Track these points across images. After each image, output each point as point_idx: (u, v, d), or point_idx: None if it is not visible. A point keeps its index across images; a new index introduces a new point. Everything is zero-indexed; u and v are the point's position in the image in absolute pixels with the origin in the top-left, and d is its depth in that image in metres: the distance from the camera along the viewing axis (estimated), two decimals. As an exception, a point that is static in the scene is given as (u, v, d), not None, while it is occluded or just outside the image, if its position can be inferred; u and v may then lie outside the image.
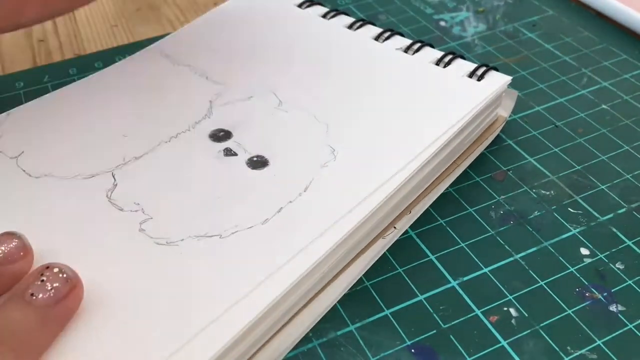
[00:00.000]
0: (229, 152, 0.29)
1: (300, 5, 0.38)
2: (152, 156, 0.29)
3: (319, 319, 0.26)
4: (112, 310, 0.22)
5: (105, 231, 0.25)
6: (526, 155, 0.33)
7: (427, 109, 0.30)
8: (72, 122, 0.30)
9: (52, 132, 0.30)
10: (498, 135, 0.34)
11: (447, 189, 0.31)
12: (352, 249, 0.27)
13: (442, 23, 0.43)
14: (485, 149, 0.33)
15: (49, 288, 0.21)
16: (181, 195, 0.27)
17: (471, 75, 0.32)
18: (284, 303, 0.24)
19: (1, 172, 0.28)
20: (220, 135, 0.30)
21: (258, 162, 0.28)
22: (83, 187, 0.27)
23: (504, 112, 0.34)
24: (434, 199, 0.30)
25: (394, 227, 0.28)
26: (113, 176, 0.27)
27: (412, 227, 0.29)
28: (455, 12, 0.45)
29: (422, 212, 0.30)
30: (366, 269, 0.27)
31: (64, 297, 0.21)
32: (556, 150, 0.34)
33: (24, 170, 0.28)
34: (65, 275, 0.21)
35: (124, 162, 0.28)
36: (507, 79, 0.32)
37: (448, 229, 0.30)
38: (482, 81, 0.32)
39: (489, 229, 0.29)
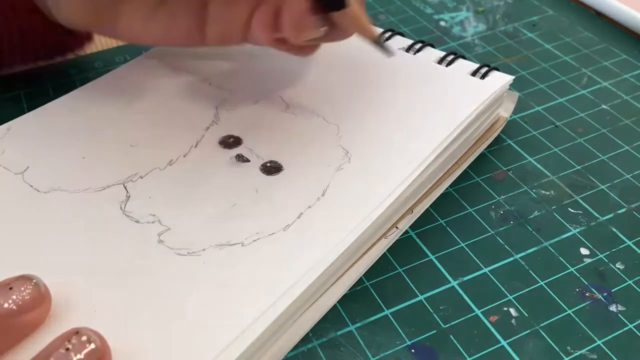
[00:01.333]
0: (241, 159, 0.28)
1: None
2: (162, 165, 0.28)
3: (319, 318, 0.26)
4: (137, 323, 0.22)
5: (123, 244, 0.25)
6: (526, 155, 0.33)
7: (434, 107, 0.31)
8: (75, 133, 0.30)
9: (55, 144, 0.29)
10: (498, 135, 0.34)
11: (447, 189, 0.31)
12: (357, 250, 0.27)
13: (442, 23, 0.43)
14: (485, 149, 0.33)
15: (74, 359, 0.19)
16: (197, 204, 0.26)
17: (473, 75, 0.33)
18: (293, 305, 0.23)
19: (8, 190, 0.27)
20: (230, 141, 0.29)
21: (272, 168, 0.28)
22: (95, 200, 0.26)
23: (505, 112, 0.34)
24: (435, 199, 0.30)
25: (396, 227, 0.28)
26: (125, 188, 0.27)
27: (412, 227, 0.29)
28: (455, 12, 0.45)
29: (422, 212, 0.30)
30: (367, 269, 0.27)
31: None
32: (556, 150, 0.34)
33: (32, 186, 0.27)
34: (92, 346, 0.19)
35: (134, 173, 0.28)
36: (509, 78, 0.32)
37: (448, 229, 0.30)
38: (484, 80, 0.32)
39: (489, 229, 0.29)
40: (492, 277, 0.27)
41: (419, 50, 0.34)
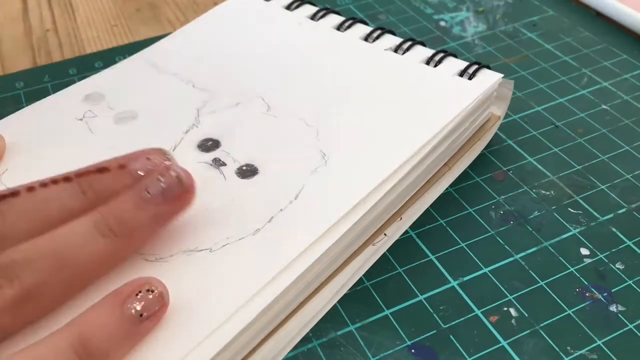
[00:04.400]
0: (217, 162, 0.28)
1: (289, 7, 0.37)
2: None
3: (306, 328, 0.25)
4: None
5: None
6: (526, 155, 0.33)
7: (416, 110, 0.30)
8: (54, 136, 0.30)
9: (34, 147, 0.29)
10: (498, 136, 0.34)
11: (447, 189, 0.31)
12: (340, 256, 0.26)
13: (442, 23, 0.43)
14: (485, 149, 0.33)
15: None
16: None
17: (462, 73, 0.32)
18: (269, 310, 0.23)
19: None
20: (209, 144, 0.29)
21: (247, 171, 0.28)
22: None
23: (498, 110, 0.34)
24: (434, 199, 0.30)
25: (385, 234, 0.28)
26: None
27: (412, 227, 0.29)
28: (455, 12, 0.45)
29: (419, 214, 0.30)
30: (357, 277, 0.27)
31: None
32: (556, 150, 0.34)
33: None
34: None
35: None
36: (498, 76, 0.32)
37: (448, 229, 0.30)
38: (473, 80, 0.31)
39: (489, 229, 0.29)
40: (492, 277, 0.27)
41: (408, 50, 0.34)
